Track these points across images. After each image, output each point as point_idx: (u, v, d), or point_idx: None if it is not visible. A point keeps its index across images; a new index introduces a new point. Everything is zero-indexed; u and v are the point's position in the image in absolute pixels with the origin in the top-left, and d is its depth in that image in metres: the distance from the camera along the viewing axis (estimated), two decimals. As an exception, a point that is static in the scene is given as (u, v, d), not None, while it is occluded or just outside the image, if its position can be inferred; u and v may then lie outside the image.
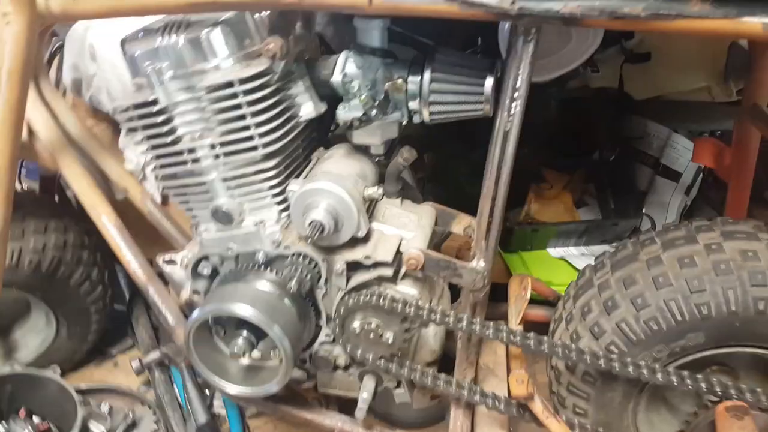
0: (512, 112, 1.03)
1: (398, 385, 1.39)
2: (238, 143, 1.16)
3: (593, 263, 1.42)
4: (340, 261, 1.23)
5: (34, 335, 1.80)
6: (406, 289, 1.28)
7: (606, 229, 1.85)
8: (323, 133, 1.39)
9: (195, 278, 1.32)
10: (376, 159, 1.34)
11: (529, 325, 1.75)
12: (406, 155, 1.28)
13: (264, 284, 1.26)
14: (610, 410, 1.31)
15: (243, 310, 1.14)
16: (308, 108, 1.24)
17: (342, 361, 1.37)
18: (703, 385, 1.12)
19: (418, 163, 2.31)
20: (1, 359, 1.77)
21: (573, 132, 2.06)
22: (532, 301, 1.69)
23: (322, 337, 1.35)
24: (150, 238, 1.57)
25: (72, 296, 1.71)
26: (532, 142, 2.08)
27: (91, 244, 1.73)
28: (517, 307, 1.42)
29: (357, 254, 1.23)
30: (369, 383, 1.35)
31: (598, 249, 1.91)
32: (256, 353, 1.24)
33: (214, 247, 1.27)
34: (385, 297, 1.21)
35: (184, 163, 1.20)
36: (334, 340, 1.32)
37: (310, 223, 1.13)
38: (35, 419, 1.58)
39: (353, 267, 1.25)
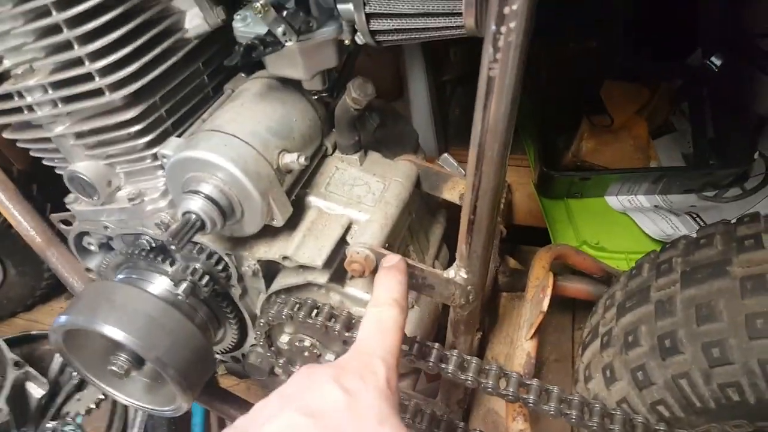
0: (500, 43, 0.52)
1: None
2: (75, 84, 0.74)
3: (657, 255, 0.93)
4: (250, 259, 0.84)
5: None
6: (358, 294, 0.88)
7: (695, 176, 1.28)
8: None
9: (82, 255, 0.99)
10: (315, 96, 0.86)
11: (561, 300, 1.33)
12: (355, 94, 0.80)
13: (156, 281, 0.91)
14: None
15: (112, 332, 0.81)
16: (195, 19, 0.77)
17: (280, 370, 1.03)
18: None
19: (442, 61, 1.78)
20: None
21: (661, 22, 1.38)
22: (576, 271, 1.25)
23: (251, 339, 1.01)
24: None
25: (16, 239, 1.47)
26: (595, 34, 1.45)
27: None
28: (531, 315, 0.99)
29: (273, 252, 0.82)
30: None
31: (681, 201, 1.35)
32: (149, 367, 0.92)
33: (87, 222, 0.91)
34: (318, 312, 0.83)
35: (20, 110, 0.81)
36: (265, 346, 0.97)
37: (183, 215, 0.73)
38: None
39: (271, 265, 0.85)
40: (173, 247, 0.70)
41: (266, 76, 0.86)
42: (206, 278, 0.84)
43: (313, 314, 0.83)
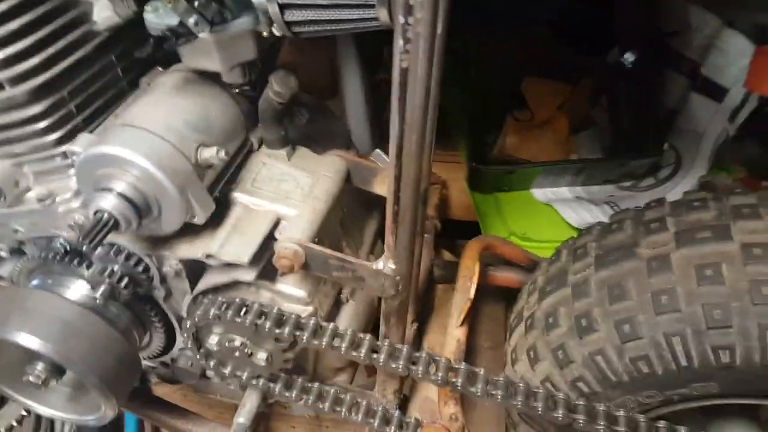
0: (408, 34, 0.53)
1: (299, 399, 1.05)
2: (-32, 76, 0.69)
3: (574, 241, 0.98)
4: (172, 259, 0.81)
5: None
6: (290, 291, 0.88)
7: (612, 167, 1.35)
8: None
9: (-9, 263, 0.93)
10: (237, 90, 0.85)
11: (495, 290, 1.38)
12: (277, 87, 0.79)
13: (74, 285, 0.87)
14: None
15: (27, 340, 0.76)
16: (104, 10, 0.74)
17: (210, 372, 1.01)
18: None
19: (377, 60, 1.79)
20: None
21: (580, 20, 1.46)
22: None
23: (179, 343, 0.98)
24: None
25: None
26: (516, 33, 1.50)
27: None
28: (458, 302, 1.01)
29: (195, 250, 0.80)
30: (250, 400, 0.99)
31: (600, 191, 1.42)
32: (69, 376, 0.88)
33: (-4, 227, 0.86)
34: (247, 310, 0.81)
35: None
36: (194, 349, 0.95)
37: (94, 214, 0.70)
38: None
39: (196, 265, 0.83)
40: (86, 249, 0.67)
41: (184, 69, 0.84)
42: (125, 280, 0.81)
43: (242, 313, 0.81)
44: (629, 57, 1.41)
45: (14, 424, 1.39)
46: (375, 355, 0.82)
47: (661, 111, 1.37)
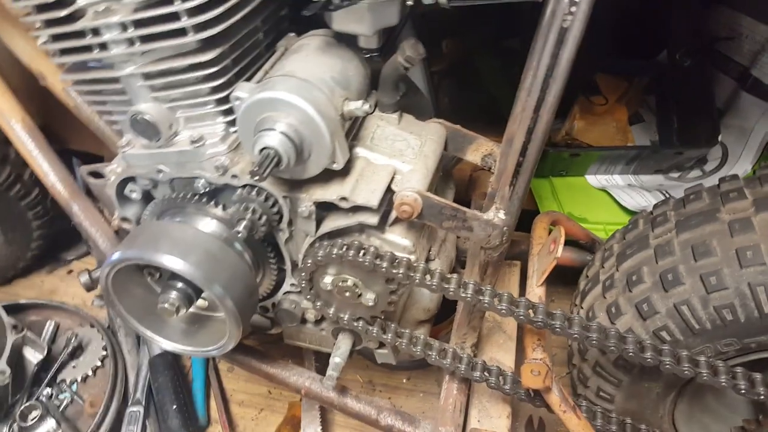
0: (577, -3, 0.63)
1: (380, 346, 1.13)
2: (158, 23, 0.78)
3: (651, 211, 1.08)
4: (307, 201, 0.90)
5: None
6: (397, 239, 0.96)
7: (665, 157, 1.46)
8: (296, 13, 0.99)
9: (122, 203, 1.02)
10: (368, 55, 0.95)
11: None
12: (409, 53, 0.89)
13: (206, 223, 0.95)
14: (644, 400, 1.04)
15: (173, 262, 0.85)
16: (266, -28, 0.84)
17: (311, 315, 1.09)
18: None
19: (433, 52, 1.90)
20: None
21: (637, 24, 1.57)
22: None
23: (286, 286, 1.07)
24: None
25: (11, 203, 1.44)
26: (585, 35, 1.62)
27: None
28: (541, 264, 1.10)
29: (330, 193, 0.89)
30: (344, 343, 1.08)
31: (650, 180, 1.53)
32: (200, 302, 0.96)
33: (140, 166, 0.94)
34: (365, 251, 0.90)
35: (89, 49, 0.84)
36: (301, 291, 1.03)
37: (261, 151, 0.79)
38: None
39: (325, 207, 0.92)
40: (257, 178, 0.75)
41: (322, 34, 0.93)
42: (263, 219, 0.90)
43: (362, 253, 0.90)
44: (683, 59, 1.52)
45: (89, 373, 1.47)
46: (480, 297, 0.91)
47: (714, 105, 1.48)
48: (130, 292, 0.98)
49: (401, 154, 0.97)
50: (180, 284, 0.91)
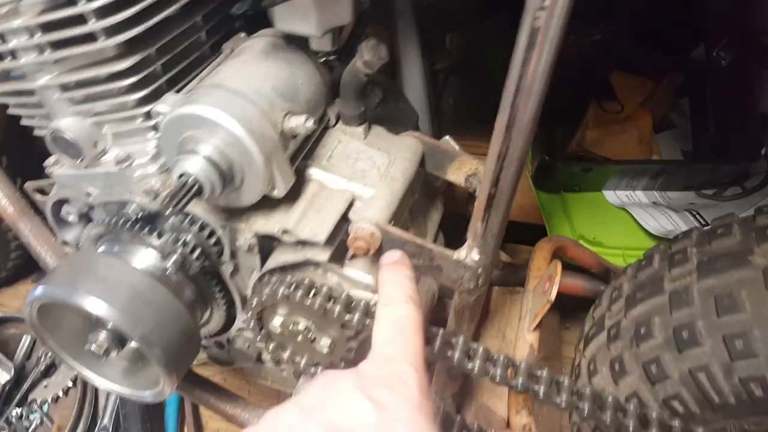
0: (547, -10, 0.47)
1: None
2: (65, 26, 0.67)
3: (669, 245, 0.90)
4: (247, 233, 0.78)
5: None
6: (357, 276, 0.82)
7: (697, 172, 1.26)
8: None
9: (60, 226, 0.92)
10: (323, 59, 0.81)
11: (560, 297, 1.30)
12: (367, 56, 0.74)
13: (143, 254, 0.84)
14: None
15: (95, 306, 0.73)
16: (196, -34, 0.71)
17: (267, 356, 0.97)
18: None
19: (437, 48, 1.73)
20: None
21: (668, 15, 1.36)
22: (569, 266, 1.22)
23: (239, 323, 0.94)
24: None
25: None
26: (603, 25, 1.42)
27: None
28: (535, 305, 0.95)
29: (271, 225, 0.76)
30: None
31: (680, 198, 1.33)
32: (130, 348, 0.85)
33: (68, 187, 0.84)
34: (316, 292, 0.77)
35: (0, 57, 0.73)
36: (255, 330, 0.91)
37: (179, 177, 0.66)
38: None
39: (272, 238, 0.79)
40: (161, 215, 0.63)
41: (271, 35, 0.80)
42: (197, 252, 0.78)
43: (312, 294, 0.77)
44: (723, 54, 1.31)
45: (60, 394, 1.40)
46: (450, 352, 0.76)
47: (758, 113, 1.27)
48: (63, 326, 0.88)
49: (363, 176, 0.82)
50: (111, 323, 0.80)
